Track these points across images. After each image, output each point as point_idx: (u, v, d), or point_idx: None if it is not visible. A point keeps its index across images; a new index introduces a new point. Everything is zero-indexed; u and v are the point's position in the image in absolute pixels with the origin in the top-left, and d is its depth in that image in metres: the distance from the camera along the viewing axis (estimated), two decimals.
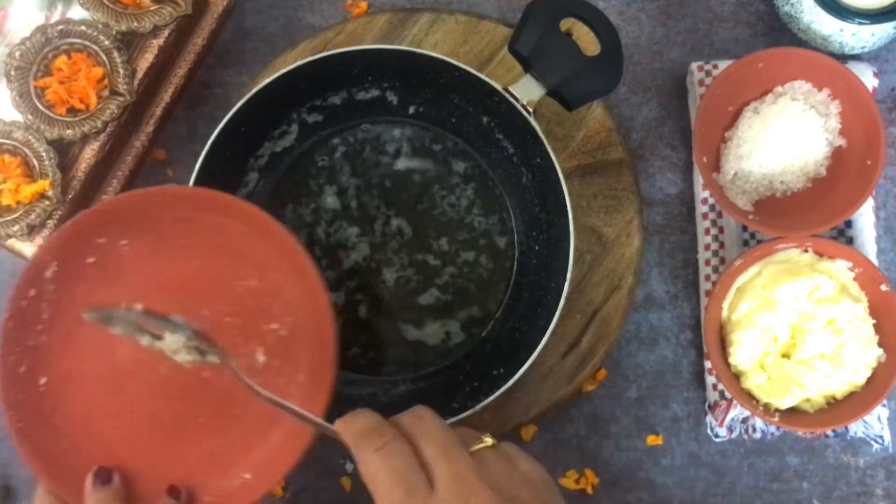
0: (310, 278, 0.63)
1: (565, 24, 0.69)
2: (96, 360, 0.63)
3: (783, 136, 0.74)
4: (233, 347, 0.63)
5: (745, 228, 0.78)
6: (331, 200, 0.77)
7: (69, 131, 0.72)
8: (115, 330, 0.59)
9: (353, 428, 0.56)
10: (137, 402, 0.63)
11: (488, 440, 0.57)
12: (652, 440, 0.77)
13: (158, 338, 0.59)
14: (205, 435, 0.63)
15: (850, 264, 0.73)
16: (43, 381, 0.63)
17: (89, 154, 0.73)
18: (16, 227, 0.70)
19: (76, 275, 0.63)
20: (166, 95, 0.77)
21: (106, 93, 0.73)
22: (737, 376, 0.73)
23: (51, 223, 0.72)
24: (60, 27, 0.72)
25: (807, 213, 0.75)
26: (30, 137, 0.71)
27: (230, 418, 0.63)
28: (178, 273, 0.64)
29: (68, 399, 0.63)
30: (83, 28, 0.72)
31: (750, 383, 0.72)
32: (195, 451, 0.63)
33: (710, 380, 0.77)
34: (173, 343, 0.59)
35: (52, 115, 0.72)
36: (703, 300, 0.77)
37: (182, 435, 0.63)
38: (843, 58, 0.77)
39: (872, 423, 0.76)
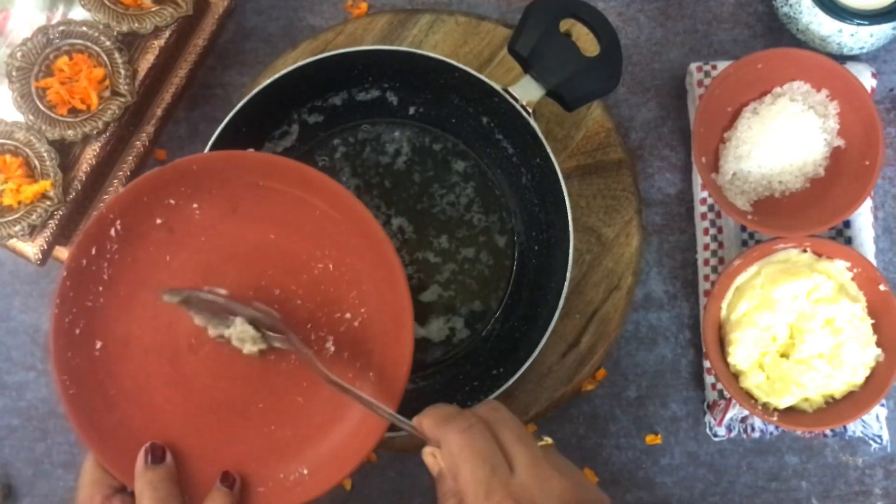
0: (393, 271, 0.59)
1: (565, 24, 0.69)
2: (156, 329, 0.60)
3: (782, 137, 0.74)
4: (302, 333, 0.59)
5: (743, 228, 0.78)
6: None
7: (70, 132, 0.72)
8: (195, 317, 0.57)
9: (435, 415, 0.57)
10: (195, 379, 0.60)
11: (548, 440, 0.59)
12: (651, 439, 0.77)
13: (227, 325, 0.57)
14: (264, 422, 0.60)
15: (848, 264, 0.73)
16: (98, 345, 0.59)
17: (90, 154, 0.73)
18: (17, 228, 0.71)
19: (142, 235, 0.60)
20: (167, 96, 0.77)
21: (107, 93, 0.73)
22: (735, 376, 0.73)
23: (52, 223, 0.72)
24: (62, 28, 0.72)
25: (805, 214, 0.75)
26: (31, 138, 0.71)
27: (292, 407, 0.60)
28: (250, 245, 0.60)
29: (124, 367, 0.60)
30: (84, 29, 0.72)
31: (749, 383, 0.72)
32: (252, 437, 0.60)
33: (709, 379, 0.77)
34: (242, 332, 0.57)
35: (53, 115, 0.72)
36: (702, 300, 0.78)
37: (240, 419, 0.60)
38: (842, 58, 0.77)
39: (871, 423, 0.76)
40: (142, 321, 0.60)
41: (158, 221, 0.61)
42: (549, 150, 0.69)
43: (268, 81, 0.70)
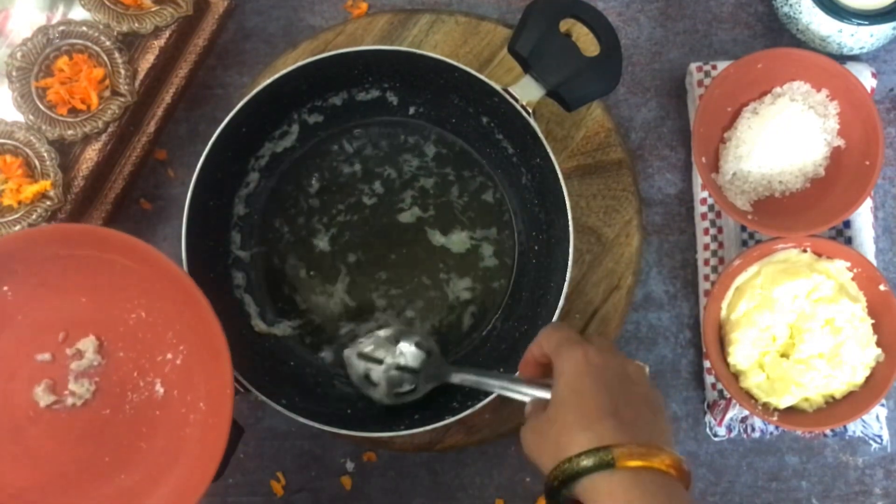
0: (198, 305, 0.63)
1: (565, 25, 0.69)
2: None
3: (782, 137, 0.74)
4: (131, 383, 0.63)
5: (743, 228, 0.78)
6: (332, 200, 0.77)
7: (70, 132, 0.72)
8: (380, 363, 0.70)
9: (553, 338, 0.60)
10: (41, 449, 0.63)
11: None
12: None
13: (379, 362, 0.67)
14: (112, 473, 0.63)
15: (848, 264, 0.73)
16: None
17: (91, 154, 0.73)
18: (17, 227, 0.71)
19: None
20: (167, 96, 0.77)
21: (107, 93, 0.73)
22: (735, 376, 0.73)
23: (53, 223, 0.72)
24: (62, 28, 0.72)
25: (805, 214, 0.75)
26: (31, 138, 0.71)
27: (136, 454, 0.63)
28: (66, 312, 0.64)
29: None
30: (84, 29, 0.72)
31: (749, 383, 0.72)
32: (103, 490, 0.63)
33: (709, 379, 0.77)
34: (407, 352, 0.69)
35: (53, 115, 0.72)
36: (702, 300, 0.78)
37: (90, 476, 0.63)
38: (842, 58, 0.77)
39: (871, 423, 0.76)
40: None
41: None
42: (549, 150, 0.69)
43: (268, 81, 0.70)
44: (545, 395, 0.58)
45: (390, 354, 0.72)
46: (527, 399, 0.60)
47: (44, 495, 0.63)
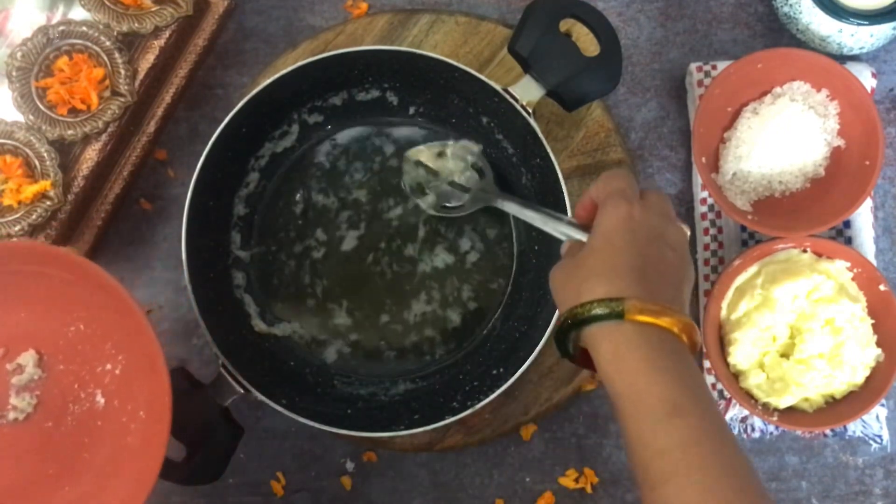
0: (133, 315, 0.63)
1: (565, 25, 0.70)
2: None
3: (782, 137, 0.74)
4: (71, 394, 0.64)
5: (743, 228, 0.78)
6: (332, 200, 0.77)
7: (70, 132, 0.72)
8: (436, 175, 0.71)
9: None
10: None
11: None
12: None
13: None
14: (57, 486, 0.64)
15: (848, 264, 0.73)
16: None
17: (91, 154, 0.73)
18: (17, 227, 0.71)
19: None
20: (167, 96, 0.77)
21: (107, 93, 0.73)
22: (736, 376, 0.73)
23: (52, 223, 0.72)
24: (62, 28, 0.72)
25: (805, 214, 0.75)
26: (31, 138, 0.71)
27: (80, 465, 0.64)
28: (5, 327, 0.65)
29: None
30: (84, 29, 0.72)
31: (749, 383, 0.72)
32: (50, 503, 0.63)
33: (710, 379, 0.77)
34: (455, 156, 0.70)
35: (53, 115, 0.72)
36: (702, 300, 0.78)
37: (35, 489, 0.63)
38: (842, 58, 0.77)
39: (871, 423, 0.76)
40: None
41: None
42: (549, 150, 0.69)
43: (268, 81, 0.70)
44: (582, 237, 0.60)
45: (447, 169, 0.73)
46: (564, 238, 0.62)
47: None
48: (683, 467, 0.50)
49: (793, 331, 0.73)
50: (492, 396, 0.68)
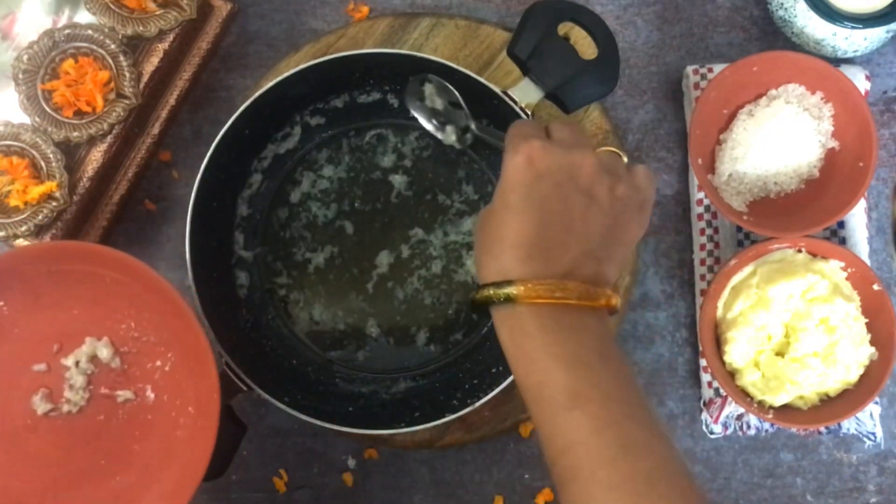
0: (183, 314, 0.65)
1: (563, 28, 0.70)
2: None
3: (777, 139, 0.74)
4: (121, 387, 0.66)
5: (739, 229, 0.79)
6: (332, 199, 0.78)
7: (76, 133, 0.73)
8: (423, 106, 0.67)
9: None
10: (40, 455, 0.66)
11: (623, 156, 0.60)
12: None
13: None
14: (108, 476, 0.66)
15: (842, 264, 0.74)
16: None
17: (96, 156, 0.74)
18: (24, 228, 0.71)
19: None
20: (171, 98, 0.77)
21: (112, 96, 0.73)
22: (731, 374, 0.74)
23: (58, 224, 0.73)
24: (67, 31, 0.73)
25: (800, 214, 0.75)
26: (37, 139, 0.72)
27: (131, 455, 0.66)
28: (60, 324, 0.67)
29: None
30: (90, 32, 0.73)
31: (744, 381, 0.73)
32: (100, 492, 0.65)
33: (706, 377, 0.78)
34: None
35: (59, 117, 0.73)
36: (699, 299, 0.78)
37: (87, 479, 0.65)
38: (836, 61, 0.77)
39: (865, 420, 0.76)
40: None
41: None
42: None
43: (270, 84, 0.70)
44: None
45: (440, 102, 0.71)
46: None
47: (43, 499, 0.65)
48: (587, 463, 0.47)
49: (788, 330, 0.73)
50: (491, 394, 0.68)
